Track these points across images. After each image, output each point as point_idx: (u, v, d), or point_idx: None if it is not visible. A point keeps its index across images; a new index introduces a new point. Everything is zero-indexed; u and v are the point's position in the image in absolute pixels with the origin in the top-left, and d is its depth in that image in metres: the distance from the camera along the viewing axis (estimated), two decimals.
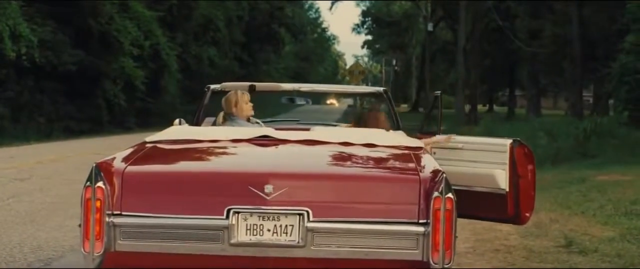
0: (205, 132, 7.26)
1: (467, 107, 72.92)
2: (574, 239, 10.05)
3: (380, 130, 7.68)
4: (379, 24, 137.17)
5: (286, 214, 5.56)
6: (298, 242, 5.53)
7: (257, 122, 8.47)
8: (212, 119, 8.91)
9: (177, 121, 8.79)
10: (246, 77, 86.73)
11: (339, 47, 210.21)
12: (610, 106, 49.22)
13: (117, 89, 41.74)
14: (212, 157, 6.76)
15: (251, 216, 5.56)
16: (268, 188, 5.54)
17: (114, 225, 5.54)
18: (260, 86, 9.34)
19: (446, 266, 5.44)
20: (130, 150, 6.43)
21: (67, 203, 12.23)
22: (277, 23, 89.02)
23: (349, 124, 8.85)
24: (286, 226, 5.58)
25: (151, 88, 47.08)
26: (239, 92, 8.36)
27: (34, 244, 9.39)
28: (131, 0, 45.92)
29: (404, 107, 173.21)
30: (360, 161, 6.65)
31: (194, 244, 5.55)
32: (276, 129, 7.37)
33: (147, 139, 6.91)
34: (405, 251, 5.52)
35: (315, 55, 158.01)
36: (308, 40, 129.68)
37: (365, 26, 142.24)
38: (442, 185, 5.47)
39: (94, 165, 5.59)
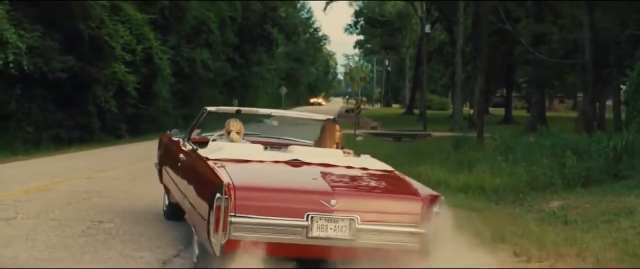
0: (247, 152, 10.33)
1: (467, 109, 71.46)
2: None
3: (350, 155, 11.18)
4: (371, 23, 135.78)
5: (343, 219, 8.65)
6: (350, 237, 8.64)
7: (243, 136, 11.93)
8: (198, 130, 12.53)
9: (174, 130, 13.17)
10: (238, 79, 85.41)
11: (330, 47, 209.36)
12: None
13: (108, 95, 39.95)
14: (281, 176, 9.66)
15: (320, 219, 8.61)
16: (333, 202, 8.63)
17: (231, 223, 8.40)
18: (244, 110, 12.69)
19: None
20: (222, 170, 9.17)
21: (58, 259, 10.04)
22: (270, 24, 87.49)
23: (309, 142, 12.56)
24: (342, 226, 8.66)
25: (143, 93, 45.43)
26: (235, 123, 11.78)
27: None
28: (122, 2, 44.42)
29: (396, 107, 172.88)
30: (381, 183, 9.92)
31: (285, 236, 8.55)
32: (257, 141, 11.81)
33: (211, 156, 9.93)
34: (410, 245, 8.76)
35: (307, 55, 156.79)
36: (300, 41, 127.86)
37: (357, 26, 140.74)
38: (439, 202, 8.99)
39: (223, 184, 8.41)
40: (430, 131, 64.01)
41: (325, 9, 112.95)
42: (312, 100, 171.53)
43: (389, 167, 10.38)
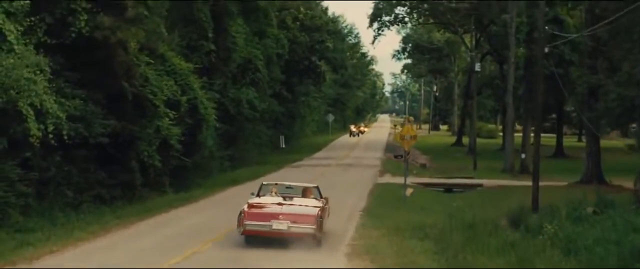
0: (265, 199, 26.98)
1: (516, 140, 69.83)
2: None
3: (311, 199, 27.46)
4: (419, 49, 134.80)
5: (283, 223, 25.02)
6: (287, 229, 24.99)
7: (278, 195, 27.54)
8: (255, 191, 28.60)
9: (252, 193, 28.43)
10: (284, 114, 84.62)
11: (377, 67, 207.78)
12: None
13: (151, 149, 38.65)
14: (268, 208, 25.91)
15: (275, 223, 25.07)
16: (281, 217, 25.20)
17: (245, 224, 25.22)
18: (279, 183, 30.88)
19: (320, 236, 25.44)
20: (246, 205, 26.10)
21: None
22: (317, 56, 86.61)
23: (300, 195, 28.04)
24: (284, 225, 24.97)
25: (188, 143, 44.18)
26: (275, 188, 28.40)
27: None
28: (168, 51, 43.61)
29: (444, 130, 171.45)
30: (305, 210, 25.85)
31: (264, 229, 25.15)
32: (282, 195, 27.61)
33: (249, 201, 26.61)
34: (310, 232, 25.15)
35: (354, 80, 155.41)
36: (347, 66, 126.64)
37: (405, 51, 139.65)
38: (322, 217, 25.95)
39: (242, 210, 25.67)
40: (481, 169, 63.16)
41: (373, 42, 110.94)
42: (353, 128, 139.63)
43: (320, 204, 26.51)
